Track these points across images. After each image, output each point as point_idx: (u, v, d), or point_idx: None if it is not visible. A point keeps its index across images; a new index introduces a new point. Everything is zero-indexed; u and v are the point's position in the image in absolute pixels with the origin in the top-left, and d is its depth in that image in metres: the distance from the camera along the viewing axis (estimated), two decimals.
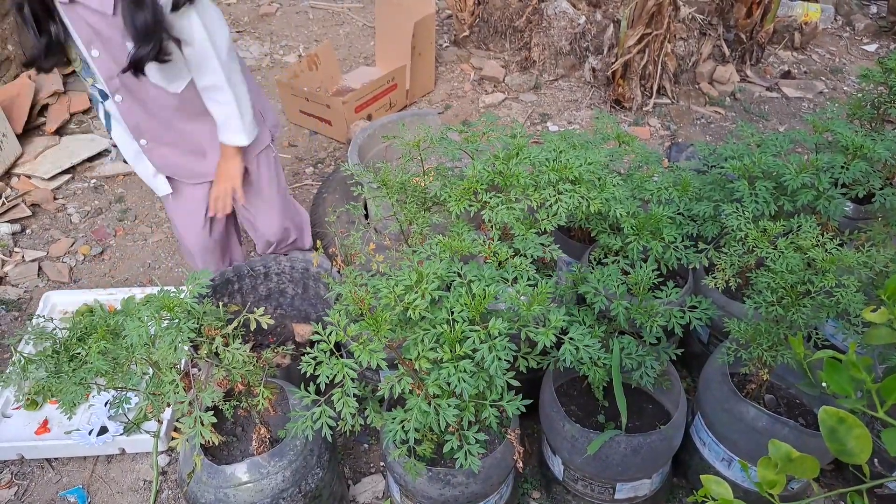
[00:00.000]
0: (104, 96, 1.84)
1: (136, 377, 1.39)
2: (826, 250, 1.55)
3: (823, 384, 0.93)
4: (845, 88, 4.17)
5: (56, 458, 2.12)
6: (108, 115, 1.93)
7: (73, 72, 4.08)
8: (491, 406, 1.36)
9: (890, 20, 4.76)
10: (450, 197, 1.63)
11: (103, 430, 2.08)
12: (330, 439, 1.47)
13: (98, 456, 2.12)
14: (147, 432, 2.09)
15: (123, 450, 2.11)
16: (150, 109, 1.87)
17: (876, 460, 1.83)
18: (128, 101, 1.83)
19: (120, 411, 1.56)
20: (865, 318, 0.80)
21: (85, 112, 3.79)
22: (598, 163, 1.75)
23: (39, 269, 2.85)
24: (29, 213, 3.11)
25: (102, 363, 1.33)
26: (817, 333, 1.64)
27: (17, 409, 2.18)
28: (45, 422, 2.14)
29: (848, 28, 4.86)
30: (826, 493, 0.88)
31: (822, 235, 1.60)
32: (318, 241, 1.76)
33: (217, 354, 1.38)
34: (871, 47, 4.63)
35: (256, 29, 4.82)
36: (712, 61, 4.16)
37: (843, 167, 1.89)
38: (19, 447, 2.06)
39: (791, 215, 1.81)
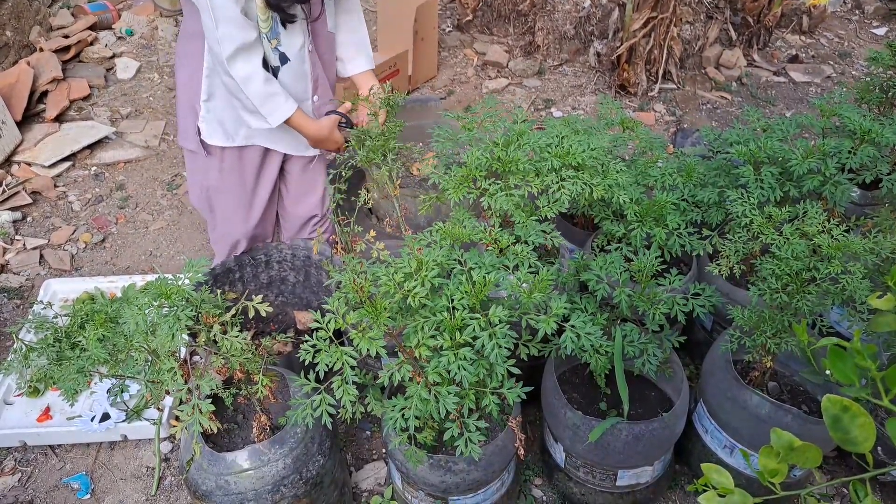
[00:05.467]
0: (284, 60, 1.86)
1: (136, 365, 1.39)
2: (832, 236, 1.53)
3: (827, 372, 0.92)
4: (853, 73, 4.12)
5: (59, 445, 2.13)
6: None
7: (75, 57, 4.06)
8: (492, 394, 1.35)
9: None
10: (448, 184, 1.61)
11: (105, 417, 2.08)
12: (330, 427, 1.47)
13: (101, 443, 2.13)
14: (148, 420, 2.10)
15: (126, 437, 2.12)
16: (324, 55, 1.98)
17: (879, 448, 1.82)
18: (317, 47, 1.93)
19: (119, 399, 1.56)
20: (872, 305, 0.78)
21: (84, 99, 3.77)
22: (602, 148, 1.72)
23: (41, 256, 2.85)
24: (29, 200, 3.10)
25: (101, 351, 1.33)
26: (822, 321, 1.63)
27: (18, 396, 2.19)
28: (47, 409, 2.15)
29: (857, 11, 4.78)
30: (829, 482, 0.87)
31: (828, 222, 1.58)
32: (319, 229, 1.75)
33: (215, 342, 1.37)
34: (881, 31, 4.56)
35: None
36: (719, 45, 4.10)
37: (850, 152, 1.86)
38: (22, 434, 2.07)
39: (797, 201, 1.78)
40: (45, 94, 3.65)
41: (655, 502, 1.90)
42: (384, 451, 2.11)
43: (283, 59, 1.86)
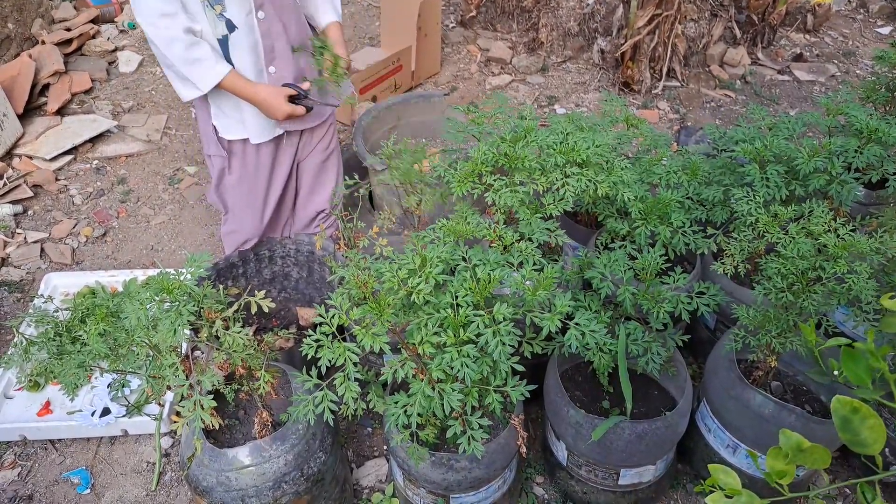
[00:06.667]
0: (231, 27, 1.80)
1: (137, 359, 1.38)
2: (838, 236, 1.52)
3: (835, 372, 0.91)
4: (858, 72, 4.10)
5: (59, 440, 2.13)
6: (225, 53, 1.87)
7: (77, 50, 4.04)
8: (495, 391, 1.34)
9: None
10: (453, 178, 1.60)
11: (106, 412, 2.08)
12: (332, 423, 1.46)
13: (101, 437, 2.13)
14: (149, 415, 2.09)
15: (126, 431, 2.11)
16: (284, 20, 1.87)
17: (887, 450, 1.81)
18: (269, 15, 1.82)
19: (120, 394, 1.56)
20: (884, 306, 0.77)
21: (86, 92, 3.75)
22: (606, 146, 1.71)
23: (42, 250, 2.84)
24: (31, 194, 3.09)
25: (102, 345, 1.32)
26: (827, 320, 1.62)
27: (19, 390, 2.19)
28: (48, 403, 2.15)
29: (862, 10, 4.76)
30: (837, 484, 0.86)
31: (834, 221, 1.57)
32: (322, 224, 1.74)
33: (217, 338, 1.37)
34: (885, 30, 4.54)
35: None
36: (723, 43, 4.09)
37: (856, 151, 1.84)
38: (22, 428, 2.07)
39: (802, 200, 1.77)
40: (46, 87, 3.63)
41: (657, 501, 1.90)
42: (385, 448, 2.10)
43: (230, 26, 1.79)
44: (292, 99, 1.93)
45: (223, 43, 1.82)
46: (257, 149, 2.06)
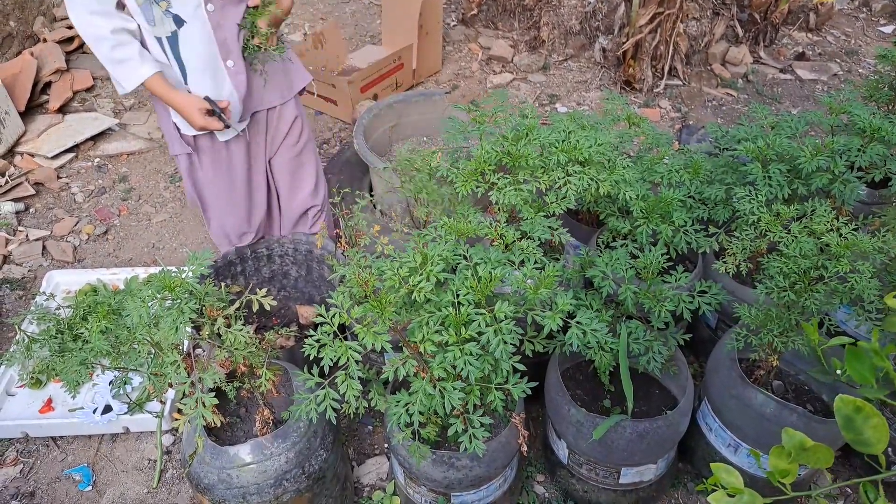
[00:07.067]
0: (179, 22, 1.77)
1: (139, 357, 1.38)
2: (840, 235, 1.52)
3: (838, 371, 0.90)
4: (860, 71, 4.09)
5: (61, 437, 2.13)
6: (179, 59, 1.85)
7: (78, 48, 4.04)
8: (496, 389, 1.34)
9: None
10: (457, 177, 1.60)
11: (107, 409, 2.08)
12: (333, 421, 1.46)
13: (103, 435, 2.13)
14: (150, 413, 2.09)
15: (128, 429, 2.11)
16: (233, 13, 1.83)
17: (889, 449, 1.81)
18: (218, 6, 1.79)
19: (122, 392, 1.56)
20: (888, 305, 0.77)
21: (88, 90, 3.75)
22: (608, 144, 1.71)
23: (43, 248, 2.84)
24: (32, 191, 3.09)
25: (103, 343, 1.32)
26: (829, 320, 1.62)
27: (21, 387, 2.19)
28: (49, 400, 2.15)
29: (864, 9, 4.75)
30: (839, 483, 0.86)
31: (837, 220, 1.57)
32: (322, 224, 1.74)
33: (219, 335, 1.37)
34: (888, 29, 4.53)
35: None
36: (725, 42, 4.08)
37: (859, 150, 1.84)
38: (24, 425, 2.07)
39: (804, 199, 1.77)
40: (48, 84, 3.63)
41: (658, 500, 1.90)
42: (386, 446, 2.10)
43: (178, 21, 1.76)
44: (211, 113, 1.90)
45: (173, 39, 1.80)
46: (227, 145, 2.04)
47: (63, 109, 3.58)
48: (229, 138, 2.02)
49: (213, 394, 1.34)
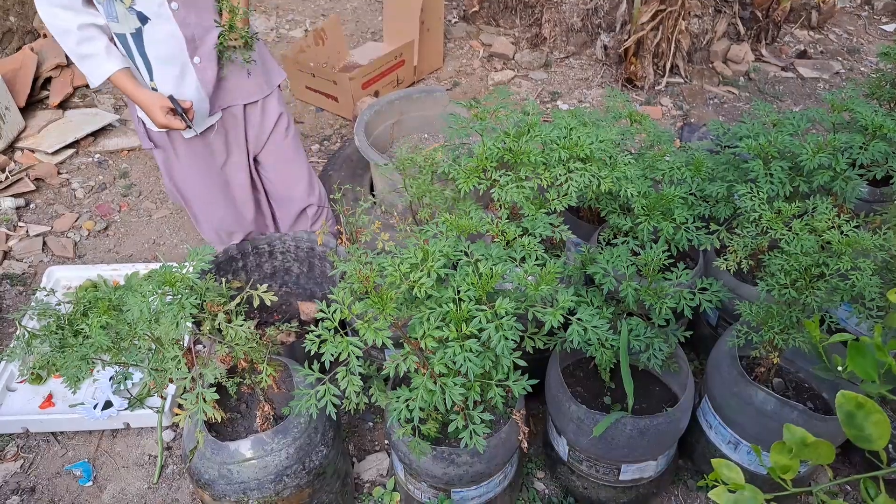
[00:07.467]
0: (143, 19, 1.77)
1: (139, 352, 1.38)
2: (842, 232, 1.52)
3: (839, 368, 0.90)
4: (862, 69, 4.08)
5: (62, 432, 2.13)
6: (144, 57, 1.84)
7: None
8: (497, 386, 1.34)
9: None
10: (459, 174, 1.60)
11: (108, 405, 2.08)
12: (334, 417, 1.46)
13: (103, 430, 2.13)
14: (151, 408, 2.09)
15: (128, 424, 2.11)
16: (200, 9, 1.83)
17: (890, 445, 1.81)
18: (183, 5, 1.79)
19: (122, 387, 1.56)
20: (890, 301, 0.77)
21: (88, 86, 3.75)
22: (610, 141, 1.71)
23: (44, 244, 2.84)
24: (33, 187, 3.09)
25: (104, 338, 1.32)
26: (830, 317, 1.62)
27: (21, 383, 2.19)
28: (50, 396, 2.15)
29: (867, 7, 4.74)
30: (839, 480, 0.86)
31: (838, 217, 1.56)
32: (324, 221, 1.74)
33: (220, 331, 1.37)
34: (890, 27, 4.52)
35: (262, 3, 4.75)
36: (727, 40, 4.07)
37: (861, 147, 1.84)
38: (24, 421, 2.07)
39: (806, 196, 1.77)
40: (48, 80, 3.63)
41: (658, 497, 1.90)
42: (387, 442, 2.11)
43: (143, 18, 1.76)
44: (174, 112, 1.89)
45: (137, 37, 1.79)
46: (203, 139, 2.03)
47: (63, 105, 3.57)
48: (194, 135, 2.02)
49: (214, 389, 1.34)
